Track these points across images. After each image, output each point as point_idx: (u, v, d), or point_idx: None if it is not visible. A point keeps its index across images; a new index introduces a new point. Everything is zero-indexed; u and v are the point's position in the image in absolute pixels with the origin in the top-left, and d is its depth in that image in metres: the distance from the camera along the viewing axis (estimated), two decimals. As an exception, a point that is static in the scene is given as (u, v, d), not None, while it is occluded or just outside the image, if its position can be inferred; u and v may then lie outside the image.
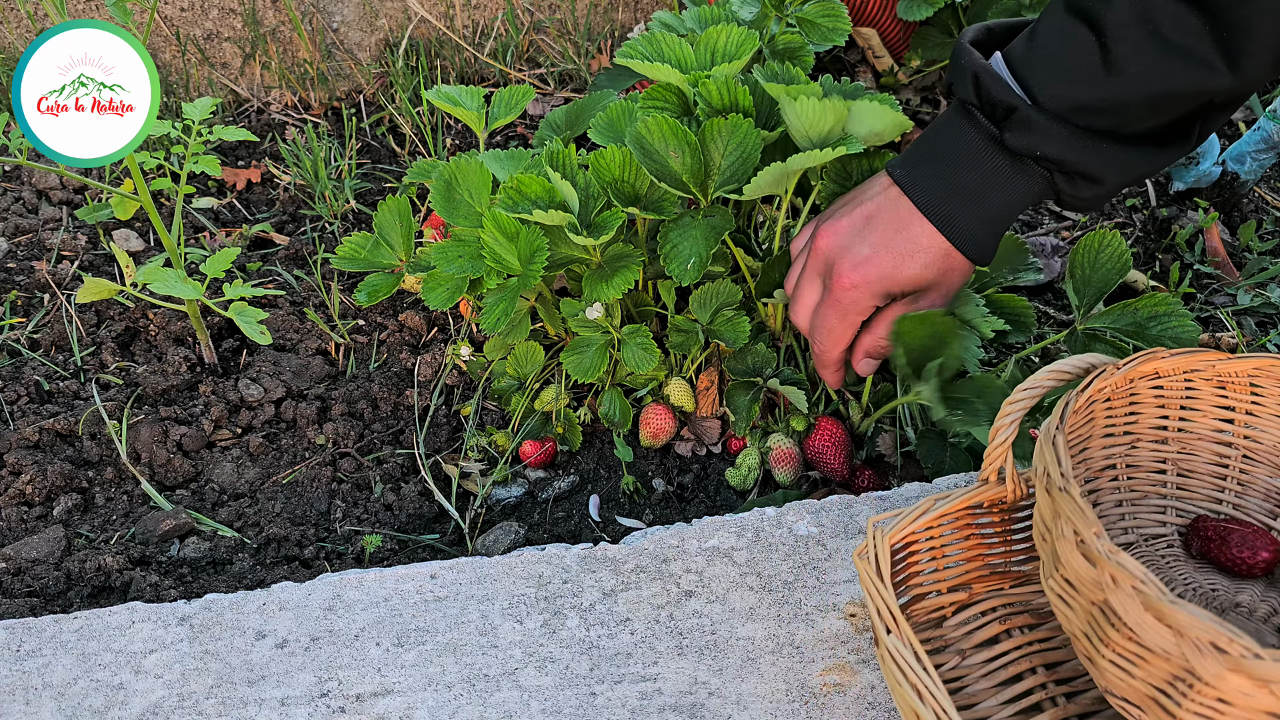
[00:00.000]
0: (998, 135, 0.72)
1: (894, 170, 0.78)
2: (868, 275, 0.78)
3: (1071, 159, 0.71)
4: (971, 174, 0.74)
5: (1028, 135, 0.71)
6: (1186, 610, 0.49)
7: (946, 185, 0.76)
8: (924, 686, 0.56)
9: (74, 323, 1.14)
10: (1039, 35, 0.71)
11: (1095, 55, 0.67)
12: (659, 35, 0.90)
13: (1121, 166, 0.71)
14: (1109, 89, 0.67)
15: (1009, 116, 0.71)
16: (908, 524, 0.65)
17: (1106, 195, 0.74)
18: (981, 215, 0.76)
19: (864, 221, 0.79)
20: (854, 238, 0.79)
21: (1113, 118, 0.69)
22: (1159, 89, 0.67)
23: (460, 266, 0.90)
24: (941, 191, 0.76)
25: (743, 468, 0.95)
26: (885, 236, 0.78)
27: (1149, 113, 0.69)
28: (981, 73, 0.72)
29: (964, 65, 0.73)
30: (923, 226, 0.77)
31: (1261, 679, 0.47)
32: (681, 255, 0.86)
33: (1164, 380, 0.73)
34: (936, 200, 0.76)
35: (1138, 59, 0.66)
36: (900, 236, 0.77)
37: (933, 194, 0.76)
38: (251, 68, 1.57)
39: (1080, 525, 0.54)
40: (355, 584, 0.78)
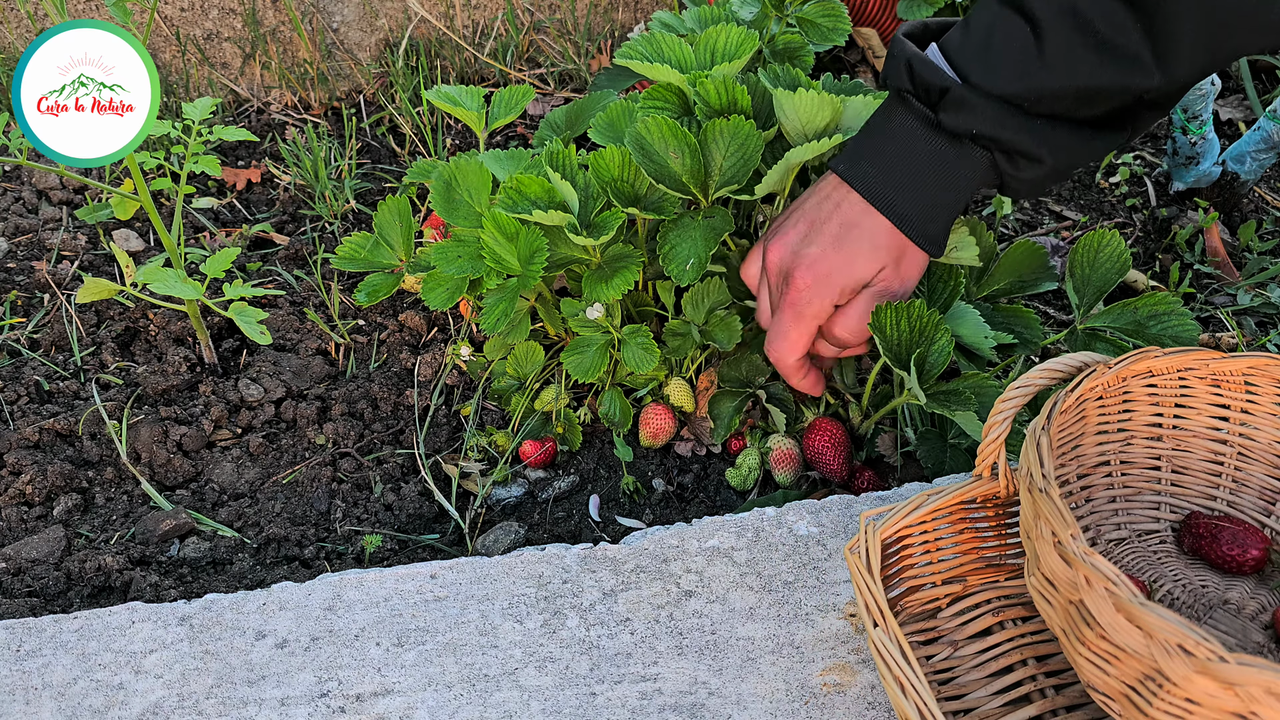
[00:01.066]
0: (933, 118, 0.73)
1: (837, 166, 0.79)
2: (819, 273, 0.78)
3: (1008, 136, 0.71)
4: (912, 160, 0.75)
5: (962, 114, 0.71)
6: (1155, 613, 0.49)
7: (889, 174, 0.76)
8: (907, 680, 0.56)
9: (74, 323, 1.14)
10: (973, 25, 0.71)
11: (1029, 45, 0.68)
12: (659, 35, 0.90)
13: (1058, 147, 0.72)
14: (1040, 79, 0.68)
15: (943, 97, 0.71)
16: (900, 519, 0.66)
17: (1048, 178, 0.74)
18: (927, 201, 0.76)
19: (809, 226, 0.79)
20: (800, 240, 0.79)
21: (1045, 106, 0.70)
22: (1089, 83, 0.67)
23: (460, 267, 0.90)
24: (885, 181, 0.76)
25: (743, 468, 0.95)
26: (834, 234, 0.78)
27: (1080, 105, 0.69)
28: (914, 59, 0.72)
29: (897, 55, 0.74)
30: (872, 219, 0.77)
31: (1227, 681, 0.47)
32: (680, 256, 0.86)
33: (1158, 378, 0.74)
34: (880, 190, 0.76)
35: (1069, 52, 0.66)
36: (851, 233, 0.77)
37: (876, 183, 0.76)
38: (251, 68, 1.57)
39: (1057, 526, 0.55)
40: (355, 584, 0.78)
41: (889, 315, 0.78)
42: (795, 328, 0.82)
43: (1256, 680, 0.46)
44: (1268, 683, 0.46)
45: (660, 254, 0.86)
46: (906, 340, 0.79)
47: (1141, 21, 0.64)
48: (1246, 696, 0.47)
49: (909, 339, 0.79)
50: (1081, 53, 0.66)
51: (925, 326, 0.79)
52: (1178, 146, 1.27)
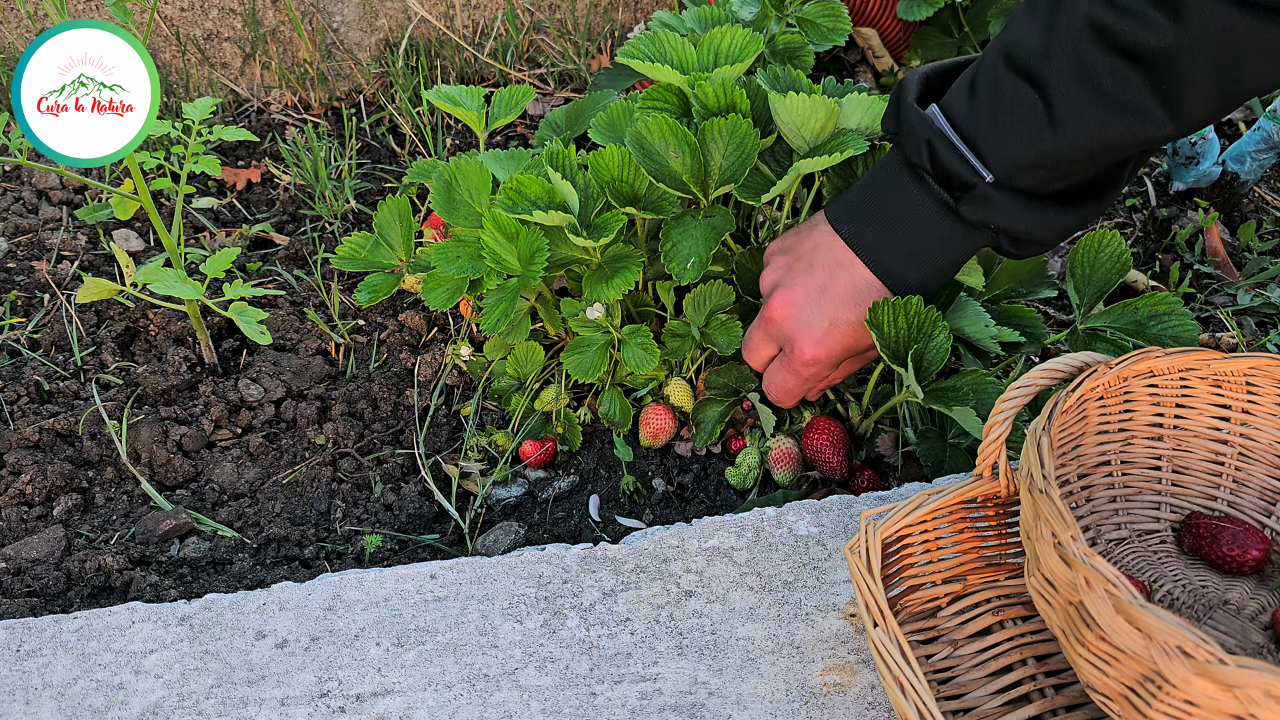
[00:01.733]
0: (953, 206, 0.74)
1: (840, 226, 0.80)
2: (829, 350, 0.82)
3: (1022, 228, 0.73)
4: (923, 238, 0.77)
5: (984, 209, 0.73)
6: (1155, 614, 0.49)
7: (899, 247, 0.78)
8: (906, 680, 0.57)
9: (74, 323, 1.14)
10: (979, 91, 0.71)
11: (1040, 113, 0.68)
12: (661, 35, 0.90)
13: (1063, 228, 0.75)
14: (1054, 145, 0.68)
15: (967, 192, 0.73)
16: (901, 518, 0.66)
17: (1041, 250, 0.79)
18: (930, 273, 0.79)
19: (819, 293, 0.81)
20: (810, 310, 0.81)
21: (1056, 172, 0.71)
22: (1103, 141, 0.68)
23: (460, 267, 0.90)
24: (894, 254, 0.78)
25: (743, 467, 0.95)
26: (843, 310, 0.81)
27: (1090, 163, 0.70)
28: (936, 141, 0.72)
29: (915, 129, 0.73)
30: (878, 290, 0.80)
31: (1226, 683, 0.47)
32: (682, 254, 0.86)
33: (1159, 379, 0.74)
34: (890, 264, 0.79)
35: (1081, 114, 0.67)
36: (859, 309, 0.80)
37: (886, 256, 0.79)
38: (251, 68, 1.57)
39: (1057, 527, 0.55)
40: (355, 584, 0.78)
41: (886, 313, 0.78)
42: (798, 388, 0.87)
43: (1256, 682, 0.46)
44: (1267, 685, 0.46)
45: (662, 251, 0.86)
46: (904, 337, 0.79)
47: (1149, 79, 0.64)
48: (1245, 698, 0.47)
49: (906, 336, 0.79)
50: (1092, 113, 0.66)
51: (923, 323, 0.79)
52: (1178, 146, 1.27)
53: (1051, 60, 0.67)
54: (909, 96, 0.75)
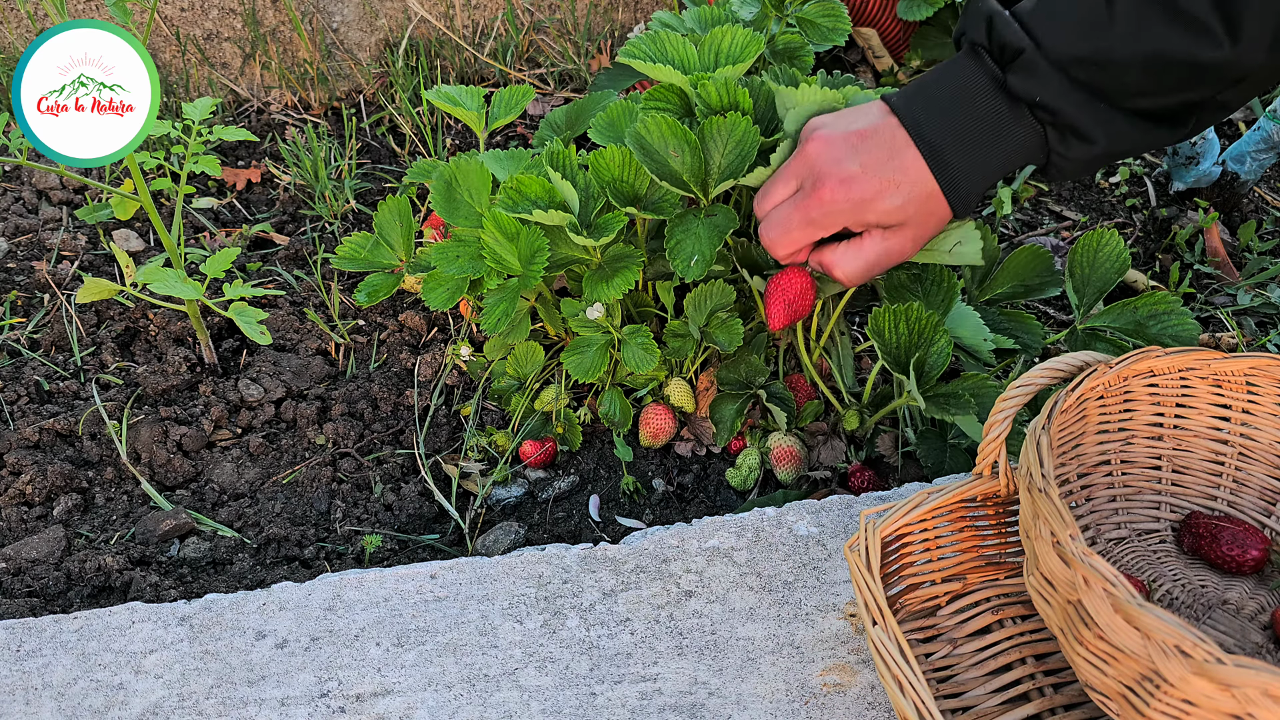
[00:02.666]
0: (1001, 77, 0.73)
1: (892, 98, 0.78)
2: (850, 193, 0.77)
3: (1069, 111, 0.71)
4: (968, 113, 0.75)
5: (1031, 80, 0.71)
6: (1153, 614, 0.49)
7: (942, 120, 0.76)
8: (905, 679, 0.57)
9: (74, 323, 1.14)
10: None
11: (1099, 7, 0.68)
12: (663, 34, 0.90)
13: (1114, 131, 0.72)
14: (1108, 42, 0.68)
15: (1015, 59, 0.71)
16: (900, 517, 0.66)
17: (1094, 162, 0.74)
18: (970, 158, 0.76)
19: (859, 139, 0.78)
20: (846, 151, 0.78)
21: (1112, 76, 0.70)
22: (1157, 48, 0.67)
23: (460, 267, 0.90)
24: (936, 126, 0.76)
25: (743, 468, 0.95)
26: (877, 159, 0.77)
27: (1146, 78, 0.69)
28: (996, 15, 0.72)
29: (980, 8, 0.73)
30: (915, 158, 0.76)
31: (1223, 683, 0.47)
32: (685, 252, 0.86)
33: (1159, 378, 0.74)
34: (930, 134, 0.76)
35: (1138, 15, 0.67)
36: (891, 163, 0.77)
37: (927, 127, 0.76)
38: (251, 68, 1.57)
39: (1056, 527, 0.55)
40: (355, 584, 0.78)
41: (887, 318, 0.78)
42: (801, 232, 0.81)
43: (1253, 682, 0.46)
44: (1264, 684, 0.46)
45: (666, 249, 0.86)
46: (905, 343, 0.79)
47: None
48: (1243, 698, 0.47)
49: (907, 342, 0.79)
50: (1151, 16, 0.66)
51: (924, 329, 0.79)
52: (1178, 146, 1.27)
53: None
54: None
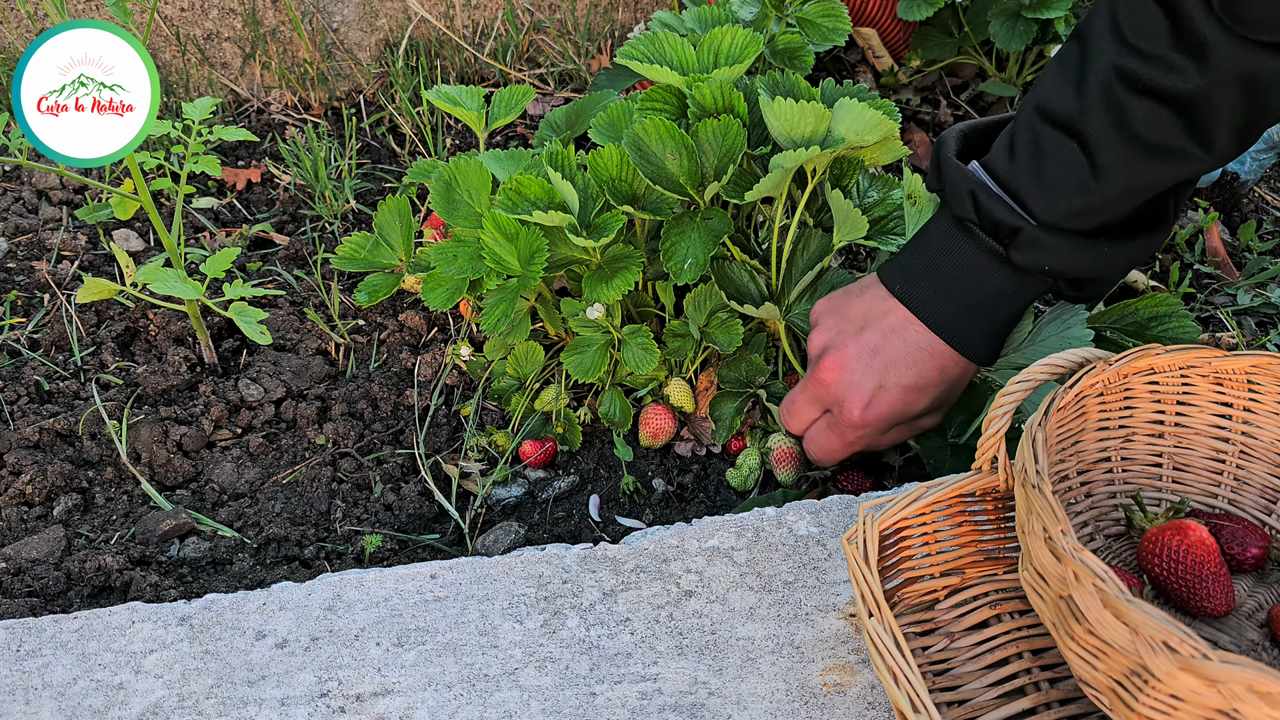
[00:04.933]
0: (1003, 254, 0.74)
1: (893, 286, 0.79)
2: (877, 414, 0.81)
3: (1075, 268, 0.74)
4: (979, 291, 0.76)
5: (1034, 252, 0.73)
6: (1141, 609, 0.50)
7: (955, 304, 0.77)
8: (900, 671, 0.57)
9: (74, 323, 1.14)
10: (1018, 146, 0.72)
11: (1082, 164, 0.69)
12: (661, 35, 0.90)
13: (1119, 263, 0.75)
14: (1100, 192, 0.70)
15: (1014, 236, 0.73)
16: (899, 510, 0.66)
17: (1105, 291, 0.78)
18: (991, 327, 0.78)
19: (871, 354, 0.80)
20: (861, 371, 0.80)
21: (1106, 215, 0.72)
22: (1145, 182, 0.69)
23: (460, 267, 0.90)
24: (952, 313, 0.77)
25: (743, 468, 0.95)
26: (896, 373, 0.79)
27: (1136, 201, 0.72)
28: (979, 191, 0.73)
29: (956, 183, 0.74)
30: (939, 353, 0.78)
31: (1210, 678, 0.47)
32: (679, 256, 0.86)
33: (1159, 376, 0.74)
34: (948, 322, 0.77)
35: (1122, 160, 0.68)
36: (911, 371, 0.79)
37: (943, 315, 0.77)
38: (251, 68, 1.57)
39: (1048, 522, 0.55)
40: (355, 584, 0.78)
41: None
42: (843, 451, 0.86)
43: (1239, 678, 0.46)
44: (1250, 680, 0.46)
45: (661, 251, 0.86)
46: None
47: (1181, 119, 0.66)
48: (1229, 694, 0.47)
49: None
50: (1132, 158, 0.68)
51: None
52: (1178, 146, 1.27)
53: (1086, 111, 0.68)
54: (948, 153, 0.76)
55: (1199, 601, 0.67)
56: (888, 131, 0.81)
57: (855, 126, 0.81)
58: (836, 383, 0.81)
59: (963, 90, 1.47)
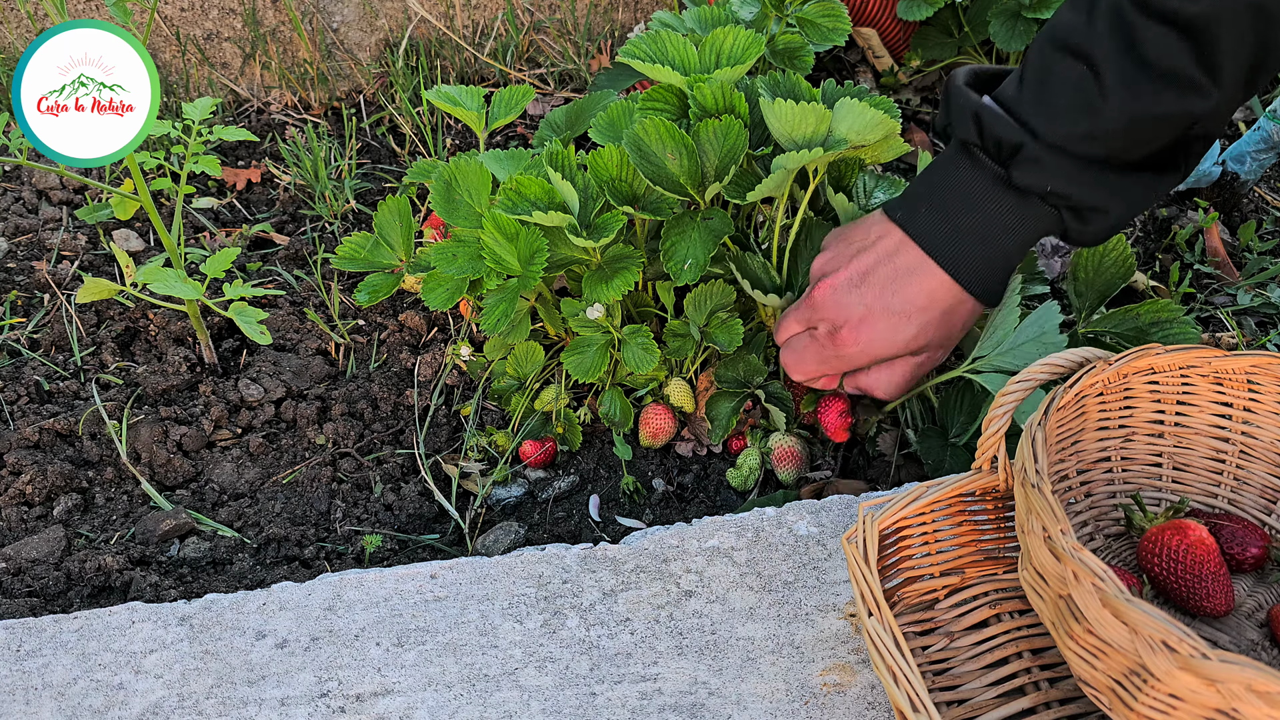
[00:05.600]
0: (1004, 174, 0.73)
1: (894, 213, 0.78)
2: (860, 340, 0.79)
3: (1079, 193, 0.72)
4: (977, 214, 0.75)
5: (1036, 171, 0.71)
6: (1140, 608, 0.50)
7: (952, 227, 0.75)
8: (899, 670, 0.57)
9: (74, 323, 1.14)
10: (1029, 75, 0.72)
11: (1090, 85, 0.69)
12: (663, 35, 0.90)
13: (1124, 196, 0.73)
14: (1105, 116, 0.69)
15: (1015, 154, 0.71)
16: (899, 509, 0.66)
17: (1111, 229, 0.75)
18: (989, 256, 0.76)
19: (861, 277, 0.78)
20: (850, 295, 0.79)
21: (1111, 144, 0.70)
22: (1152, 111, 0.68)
23: (460, 267, 0.90)
24: (949, 237, 0.76)
25: (743, 468, 0.95)
26: (884, 297, 0.78)
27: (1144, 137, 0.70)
28: (983, 111, 0.72)
29: (961, 105, 0.73)
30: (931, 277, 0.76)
31: (1208, 678, 0.47)
32: (679, 256, 0.86)
33: (1159, 376, 0.74)
34: (944, 247, 0.76)
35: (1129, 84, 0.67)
36: (898, 296, 0.77)
37: (939, 239, 0.76)
38: (251, 68, 1.57)
39: (1047, 521, 0.55)
40: (355, 584, 0.78)
41: None
42: (815, 368, 0.84)
43: (1238, 677, 0.46)
44: (1249, 680, 0.46)
45: (661, 251, 0.86)
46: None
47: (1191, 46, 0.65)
48: (1228, 693, 0.47)
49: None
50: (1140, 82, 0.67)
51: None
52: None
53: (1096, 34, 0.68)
54: (957, 83, 0.75)
55: (1199, 601, 0.67)
56: (889, 130, 0.81)
57: (856, 126, 0.81)
58: (824, 304, 0.80)
59: (963, 90, 1.47)
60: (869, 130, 0.80)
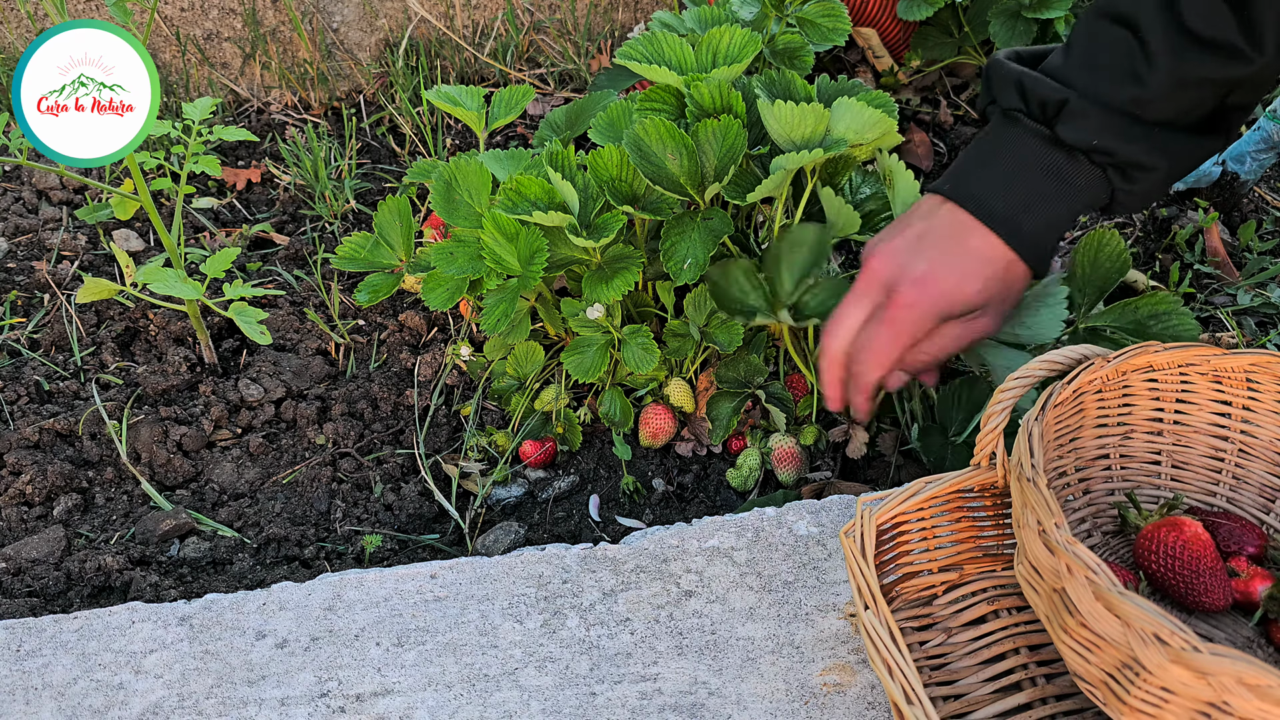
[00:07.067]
0: (1050, 133, 0.73)
1: (942, 187, 0.77)
2: (928, 292, 0.76)
3: (1126, 148, 0.72)
4: (1028, 177, 0.74)
5: (1083, 125, 0.71)
6: (1132, 602, 0.50)
7: (1003, 191, 0.75)
8: (895, 663, 0.57)
9: (74, 323, 1.14)
10: (1075, 44, 0.73)
11: (1135, 50, 0.70)
12: (660, 36, 0.90)
13: (1173, 153, 0.73)
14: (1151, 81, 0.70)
15: (1060, 110, 0.72)
16: (897, 504, 0.66)
17: (1158, 187, 0.74)
18: (1042, 219, 0.75)
19: (917, 239, 0.77)
20: (910, 254, 0.76)
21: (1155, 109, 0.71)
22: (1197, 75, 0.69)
23: (460, 267, 0.90)
24: (999, 199, 0.75)
25: (743, 468, 0.95)
26: (944, 251, 0.76)
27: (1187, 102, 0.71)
28: (1024, 78, 0.73)
29: (1005, 75, 0.74)
30: (984, 238, 0.75)
31: (1200, 671, 0.48)
32: (679, 255, 0.86)
33: (1158, 373, 0.74)
34: (996, 208, 0.74)
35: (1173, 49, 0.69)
36: (959, 249, 0.75)
37: (991, 202, 0.75)
38: (251, 68, 1.57)
39: (1042, 515, 0.56)
40: (355, 584, 0.78)
41: None
42: (892, 345, 0.78)
43: (1228, 670, 0.47)
44: (1239, 673, 0.46)
45: (661, 251, 0.86)
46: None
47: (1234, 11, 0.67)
48: (1219, 686, 0.48)
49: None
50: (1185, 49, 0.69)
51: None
52: (1178, 146, 1.27)
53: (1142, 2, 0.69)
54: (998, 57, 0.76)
55: (1196, 597, 0.67)
56: (886, 128, 0.81)
57: (854, 125, 0.81)
58: (884, 268, 0.77)
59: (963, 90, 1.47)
60: (867, 129, 0.80)
